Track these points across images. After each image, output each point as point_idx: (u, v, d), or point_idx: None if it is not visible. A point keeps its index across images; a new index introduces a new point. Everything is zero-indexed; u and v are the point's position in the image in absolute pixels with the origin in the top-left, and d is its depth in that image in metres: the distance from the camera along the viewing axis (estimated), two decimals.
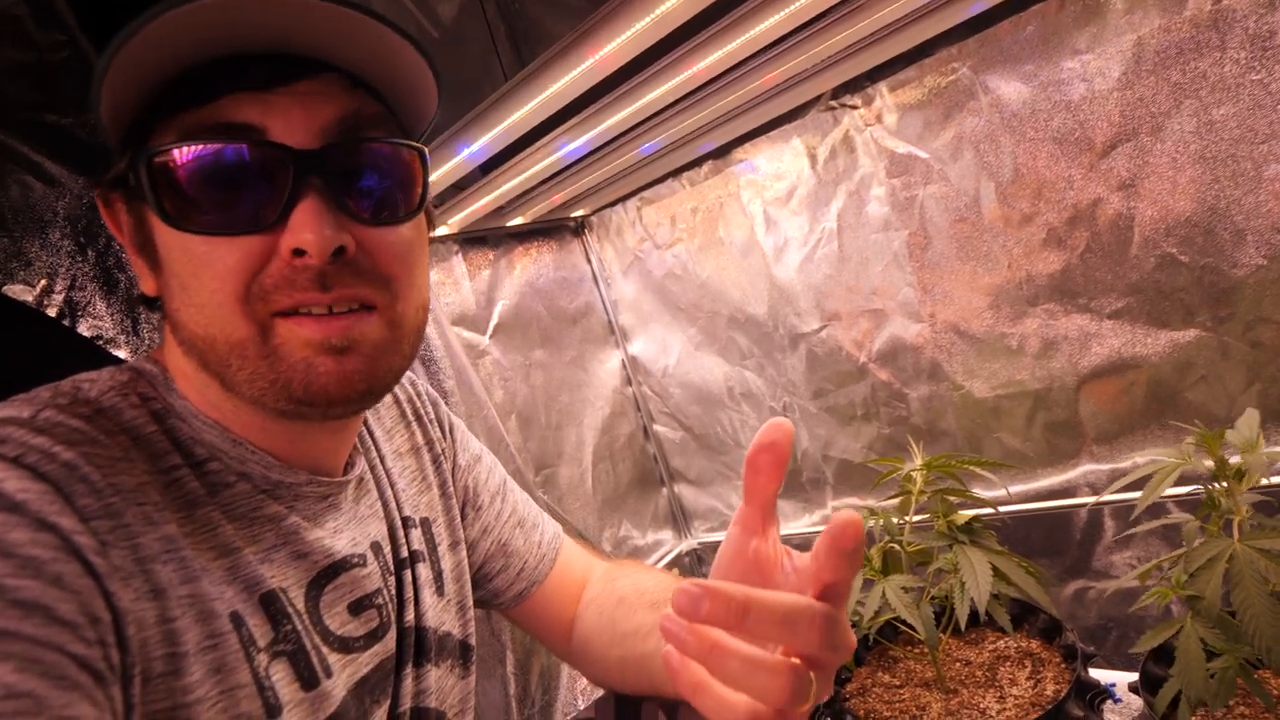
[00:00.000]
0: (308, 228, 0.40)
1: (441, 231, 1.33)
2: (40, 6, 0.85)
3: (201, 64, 0.40)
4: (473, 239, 1.43)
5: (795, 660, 0.31)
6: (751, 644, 0.31)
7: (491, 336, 1.42)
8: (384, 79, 0.44)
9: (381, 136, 0.44)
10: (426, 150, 0.48)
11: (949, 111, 1.08)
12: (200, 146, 0.40)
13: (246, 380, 0.42)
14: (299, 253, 0.40)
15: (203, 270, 0.40)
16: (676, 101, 0.99)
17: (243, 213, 0.40)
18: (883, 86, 1.13)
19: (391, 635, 0.53)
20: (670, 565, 1.66)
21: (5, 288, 0.83)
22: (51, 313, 0.86)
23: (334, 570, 0.50)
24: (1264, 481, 0.90)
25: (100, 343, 0.88)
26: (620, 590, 0.65)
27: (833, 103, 1.19)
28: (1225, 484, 0.58)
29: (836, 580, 0.32)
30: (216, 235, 0.40)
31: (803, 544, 0.37)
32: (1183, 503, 0.91)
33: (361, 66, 0.43)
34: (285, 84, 0.41)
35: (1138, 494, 0.60)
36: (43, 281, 0.86)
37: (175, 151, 0.40)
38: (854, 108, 1.18)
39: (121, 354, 0.90)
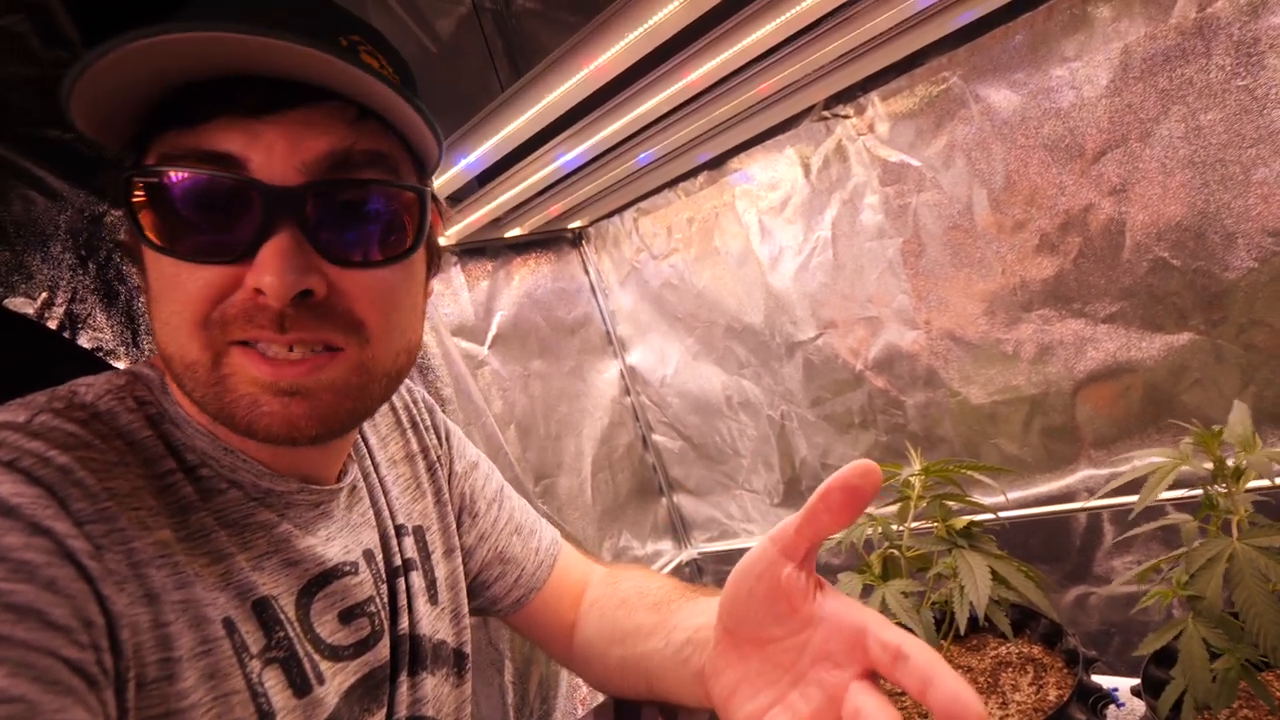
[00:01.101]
0: (268, 269, 0.39)
1: (439, 242, 1.34)
2: (43, 22, 0.86)
3: (199, 81, 0.39)
4: (471, 250, 1.44)
5: None
6: None
7: (490, 347, 1.43)
8: (389, 113, 0.43)
9: (373, 177, 0.42)
10: (428, 190, 0.46)
11: (940, 120, 1.09)
12: (177, 172, 0.39)
13: (199, 401, 0.42)
14: (261, 291, 0.39)
15: (170, 290, 0.41)
16: (671, 112, 1.00)
17: (213, 242, 0.40)
18: (875, 96, 1.15)
19: (384, 643, 0.53)
20: (670, 576, 1.65)
21: (7, 300, 0.84)
22: (52, 325, 0.87)
23: (325, 578, 0.50)
24: (1263, 483, 0.90)
25: (100, 354, 0.89)
26: (623, 592, 0.64)
27: (825, 112, 1.21)
28: (1224, 484, 0.58)
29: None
30: (186, 260, 0.40)
31: None
32: (1181, 505, 0.91)
33: (362, 99, 0.41)
34: (277, 111, 0.39)
35: (1133, 497, 0.60)
36: (44, 294, 0.86)
37: (152, 172, 0.39)
38: (846, 117, 1.19)
39: (121, 365, 0.90)
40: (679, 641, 0.52)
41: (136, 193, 0.40)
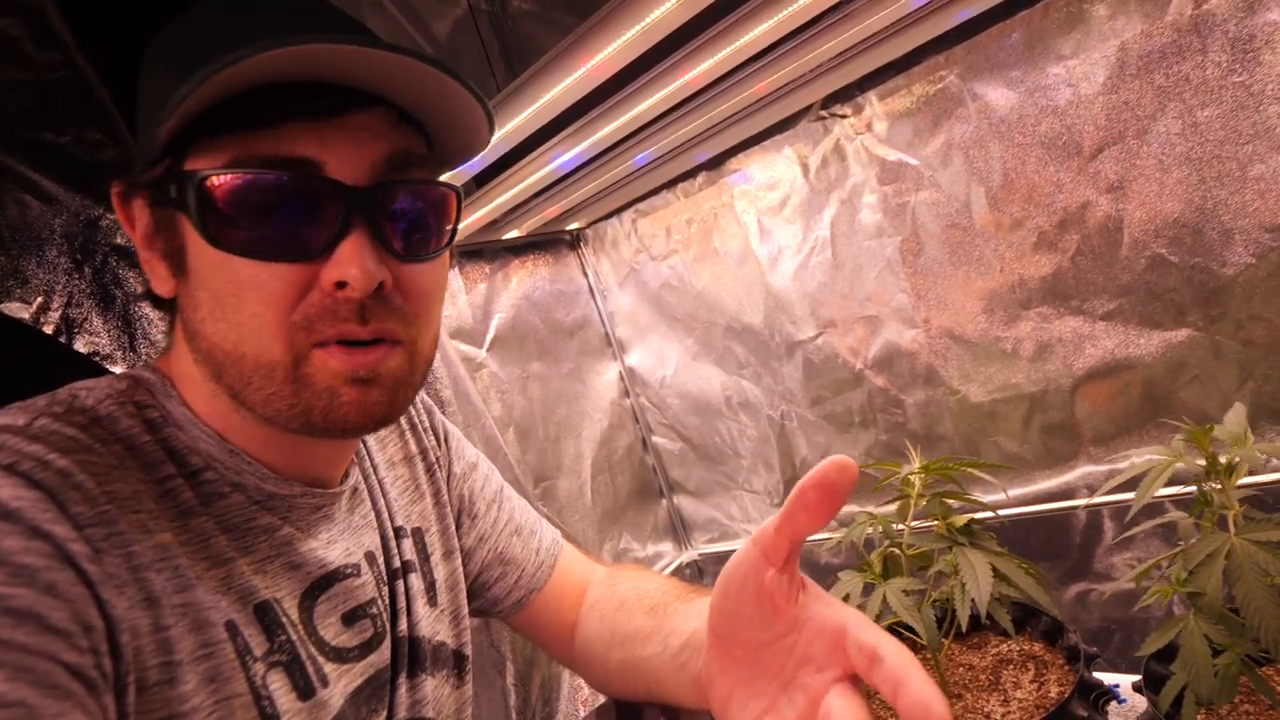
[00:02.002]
0: (354, 263, 0.41)
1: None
2: (38, 25, 0.86)
3: (259, 85, 0.40)
4: (469, 252, 1.43)
5: None
6: None
7: (489, 350, 1.42)
8: (431, 116, 0.45)
9: (425, 177, 0.46)
10: (461, 190, 0.50)
11: (938, 119, 1.09)
12: (257, 174, 0.40)
13: (263, 400, 0.42)
14: (341, 285, 0.41)
15: (246, 292, 0.41)
16: (668, 112, 1.00)
17: (291, 242, 0.41)
18: (872, 95, 1.15)
19: (386, 645, 0.53)
20: (669, 576, 1.64)
21: (2, 305, 0.83)
22: (48, 329, 0.86)
23: (327, 581, 0.50)
24: (1260, 479, 0.90)
25: (97, 359, 0.89)
26: (621, 594, 0.64)
27: (823, 112, 1.21)
28: (1217, 481, 0.58)
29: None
30: (263, 260, 0.41)
31: (803, 553, 0.37)
32: (1180, 502, 0.91)
33: (410, 104, 0.44)
34: (339, 115, 0.41)
35: (1132, 494, 0.60)
36: (39, 299, 0.86)
37: (230, 176, 0.40)
38: (844, 116, 1.19)
39: (118, 370, 0.90)
40: (676, 646, 0.52)
41: (209, 190, 0.40)
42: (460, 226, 1.27)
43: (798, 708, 0.37)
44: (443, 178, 0.48)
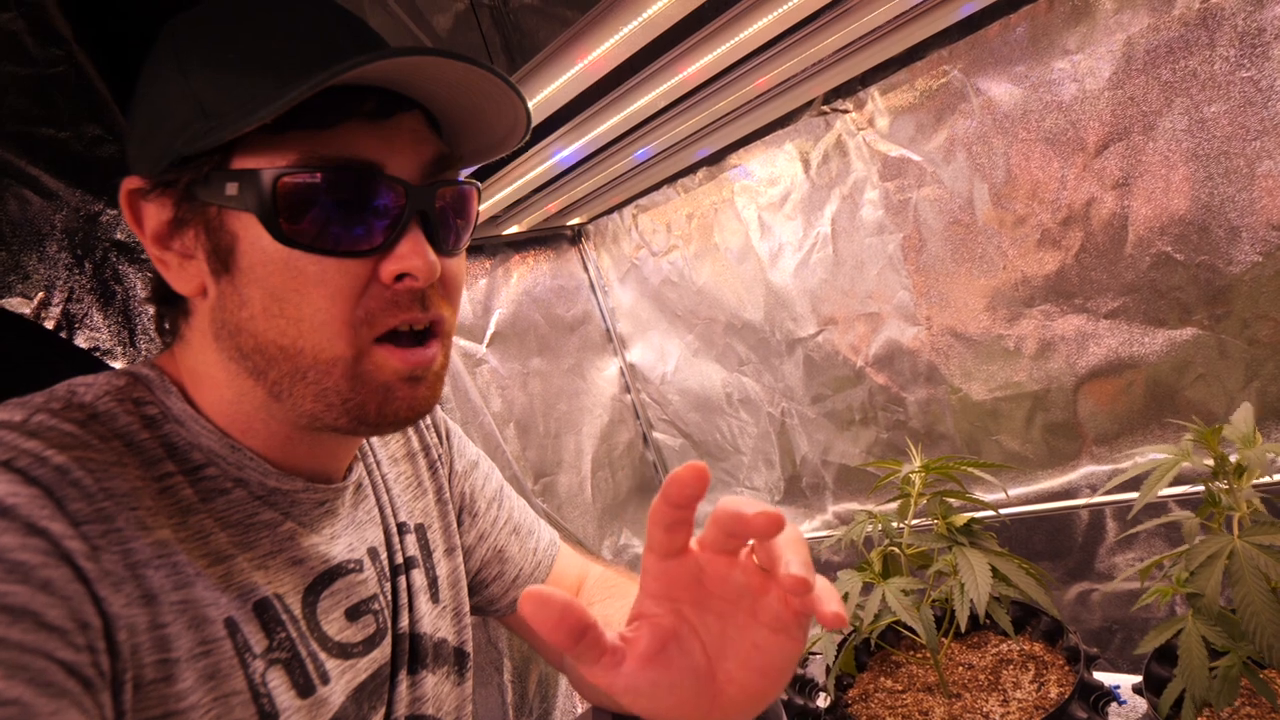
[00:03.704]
0: (418, 255, 0.43)
1: None
2: (38, 22, 0.86)
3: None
4: (470, 247, 1.43)
5: None
6: None
7: (489, 345, 1.42)
8: (465, 120, 0.47)
9: (461, 179, 0.49)
10: (481, 187, 0.53)
11: (941, 114, 1.08)
12: (331, 174, 0.42)
13: (314, 395, 0.44)
14: (401, 278, 0.43)
15: (311, 288, 0.42)
16: (668, 107, 1.00)
17: (357, 238, 0.42)
18: (874, 90, 1.14)
19: (388, 641, 0.53)
20: None
21: (3, 300, 0.84)
22: (49, 325, 0.87)
23: (330, 576, 0.50)
24: (1269, 480, 0.89)
25: (97, 354, 0.89)
26: (610, 610, 0.64)
27: (824, 107, 1.20)
28: (1225, 481, 0.57)
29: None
30: (328, 256, 0.42)
31: None
32: (1184, 502, 0.91)
33: (442, 109, 0.46)
34: (391, 117, 0.43)
35: (1135, 494, 0.60)
36: (40, 294, 0.86)
37: (305, 175, 0.41)
38: (846, 112, 1.18)
39: (118, 365, 0.90)
40: None
41: (283, 189, 0.41)
42: None
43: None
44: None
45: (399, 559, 0.57)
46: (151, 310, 0.90)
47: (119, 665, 0.36)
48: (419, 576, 0.58)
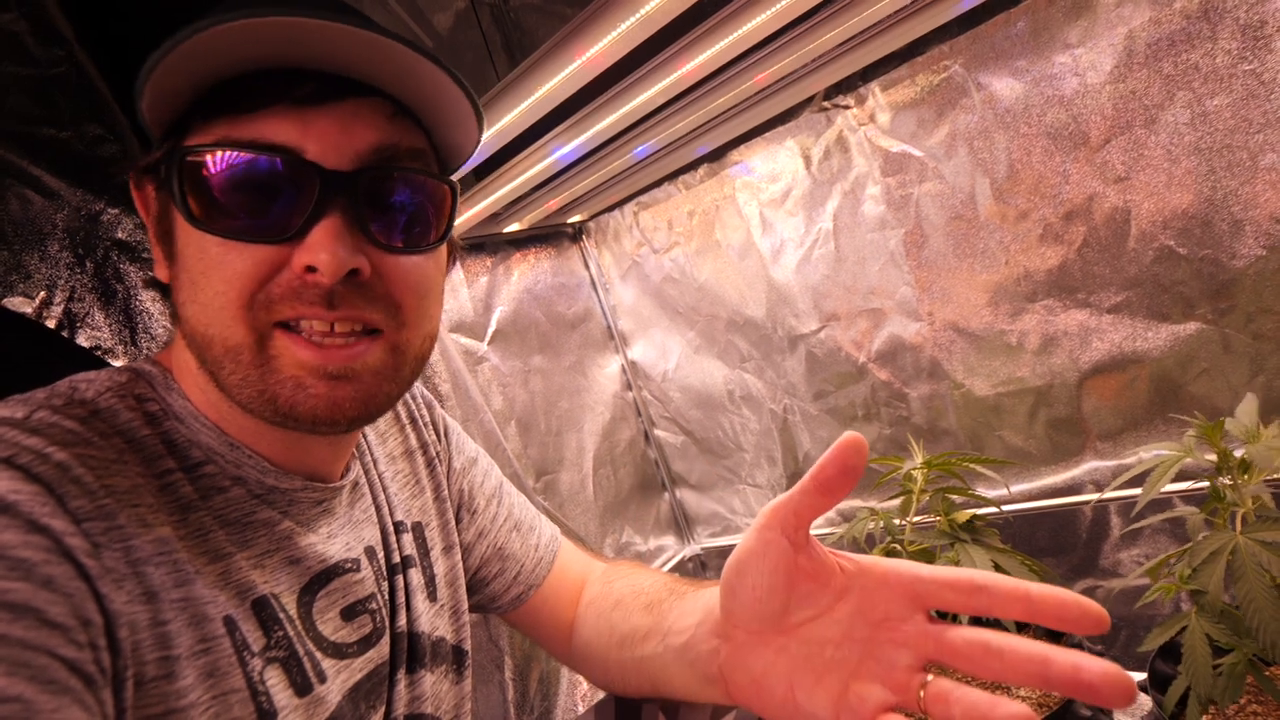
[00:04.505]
0: (323, 247, 0.40)
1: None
2: (39, 22, 0.86)
3: (251, 70, 0.40)
4: (470, 245, 1.43)
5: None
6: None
7: (490, 343, 1.42)
8: (427, 110, 0.45)
9: (415, 168, 0.45)
10: (458, 186, 0.48)
11: (942, 109, 1.08)
12: (233, 154, 0.40)
13: (237, 385, 0.42)
14: (311, 269, 0.41)
15: (213, 271, 0.41)
16: (668, 103, 0.99)
17: (264, 223, 0.41)
18: (875, 86, 1.13)
19: (385, 641, 0.53)
20: (673, 571, 1.64)
21: (5, 300, 0.84)
22: (51, 324, 0.87)
23: (327, 575, 0.50)
24: (1274, 476, 0.89)
25: (99, 353, 0.89)
26: (617, 592, 0.64)
27: (825, 103, 1.20)
28: (1229, 477, 0.57)
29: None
30: (234, 240, 0.41)
31: None
32: (1189, 498, 0.90)
33: (406, 95, 0.43)
34: (328, 102, 0.41)
35: (1140, 490, 0.60)
36: (42, 293, 0.87)
37: (208, 155, 0.40)
38: (847, 107, 1.18)
39: (119, 364, 0.91)
40: (678, 645, 0.51)
41: (189, 171, 0.40)
42: (460, 220, 1.26)
43: (891, 669, 0.37)
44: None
45: (396, 558, 0.57)
46: (155, 307, 0.91)
47: (120, 662, 0.36)
48: (416, 575, 0.58)
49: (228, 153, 0.40)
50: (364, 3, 1.16)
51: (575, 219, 1.59)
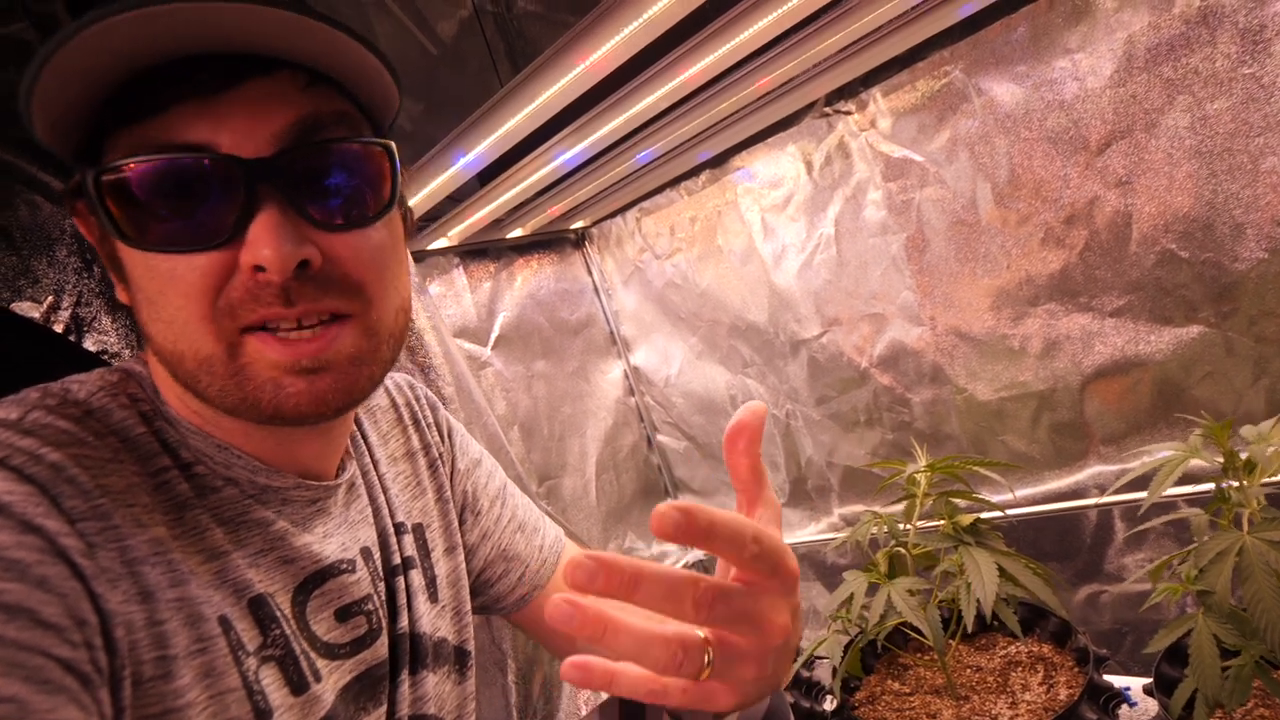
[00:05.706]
0: (264, 243, 0.38)
1: (441, 244, 1.34)
2: (49, 31, 0.87)
3: (145, 70, 0.38)
4: (473, 251, 1.44)
5: (691, 632, 0.31)
6: (650, 617, 0.30)
7: (493, 348, 1.43)
8: (342, 72, 0.42)
9: (342, 135, 0.42)
10: (393, 145, 0.45)
11: (943, 114, 1.08)
12: (146, 163, 0.38)
13: (216, 394, 0.41)
14: (260, 268, 0.39)
15: (167, 287, 0.39)
16: (670, 109, 1.00)
17: (200, 229, 0.39)
18: (876, 91, 1.14)
19: (383, 642, 0.53)
20: None
21: (13, 305, 0.84)
22: (58, 329, 0.87)
23: (321, 576, 0.49)
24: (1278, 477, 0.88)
25: (106, 357, 0.89)
26: None
27: (827, 109, 1.20)
28: (1236, 478, 0.57)
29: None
30: (175, 253, 0.39)
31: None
32: (1193, 501, 0.90)
33: (316, 61, 0.41)
34: (234, 86, 0.38)
35: (1144, 493, 0.59)
36: (49, 298, 0.87)
37: (124, 170, 0.38)
38: (848, 113, 1.18)
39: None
40: None
41: (108, 193, 0.38)
42: (464, 226, 1.27)
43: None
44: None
45: (396, 560, 0.56)
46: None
47: (117, 662, 0.36)
48: (417, 576, 0.58)
49: (141, 163, 0.38)
50: (368, 11, 1.17)
51: (578, 225, 1.60)
